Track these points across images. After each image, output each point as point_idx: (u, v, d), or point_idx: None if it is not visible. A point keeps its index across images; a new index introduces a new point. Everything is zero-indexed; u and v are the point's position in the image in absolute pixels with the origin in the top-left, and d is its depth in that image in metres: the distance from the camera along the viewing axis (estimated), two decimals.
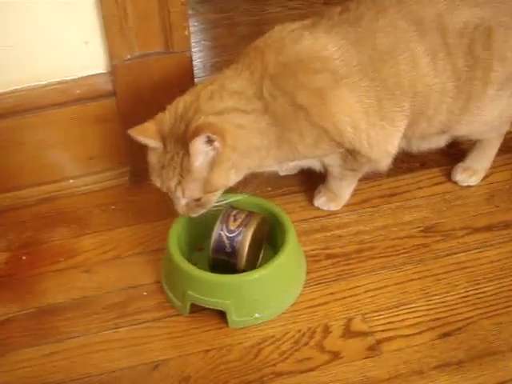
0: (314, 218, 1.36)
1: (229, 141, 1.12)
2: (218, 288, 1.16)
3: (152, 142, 1.16)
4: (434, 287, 1.22)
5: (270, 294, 1.18)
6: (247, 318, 1.17)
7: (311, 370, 1.11)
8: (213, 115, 1.13)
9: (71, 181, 1.46)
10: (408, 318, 1.17)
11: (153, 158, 1.18)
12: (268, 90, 1.16)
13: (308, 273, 1.25)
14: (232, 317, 1.16)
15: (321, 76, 1.16)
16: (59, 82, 1.36)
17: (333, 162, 1.28)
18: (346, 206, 1.38)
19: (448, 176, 1.43)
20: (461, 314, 1.17)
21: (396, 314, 1.18)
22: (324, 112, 1.17)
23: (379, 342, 1.14)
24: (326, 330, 1.16)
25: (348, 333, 1.16)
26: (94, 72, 1.37)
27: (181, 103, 1.17)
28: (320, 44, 1.17)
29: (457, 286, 1.22)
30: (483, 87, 1.23)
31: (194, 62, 1.40)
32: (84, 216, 1.41)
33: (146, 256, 1.31)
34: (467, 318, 1.17)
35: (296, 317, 1.18)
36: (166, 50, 1.36)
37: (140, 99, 1.39)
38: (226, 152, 1.13)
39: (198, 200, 1.17)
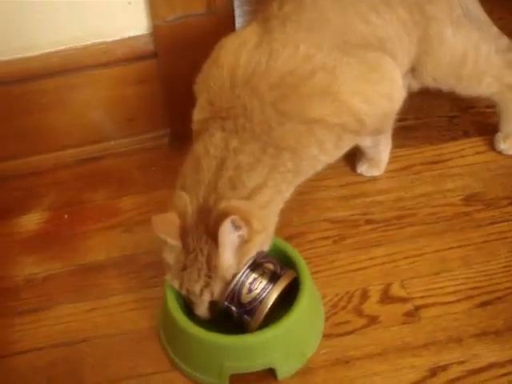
0: (354, 183, 1.35)
1: (255, 225, 1.03)
2: (261, 347, 1.05)
3: (173, 241, 1.03)
4: (475, 256, 1.20)
5: (308, 329, 1.10)
6: (294, 363, 1.08)
7: (348, 333, 1.11)
8: (237, 200, 1.03)
9: (112, 142, 1.47)
10: (447, 286, 1.16)
11: (170, 258, 1.05)
12: (275, 119, 1.07)
13: (347, 238, 1.25)
14: (282, 369, 1.06)
15: (318, 77, 1.09)
16: (102, 43, 1.37)
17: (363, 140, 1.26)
18: (387, 172, 1.37)
19: (491, 145, 1.41)
20: (501, 283, 1.16)
21: (435, 281, 1.17)
22: (338, 108, 1.10)
23: (417, 308, 1.14)
24: (364, 295, 1.16)
25: (386, 298, 1.15)
26: (136, 33, 1.37)
27: (200, 192, 1.05)
28: (294, 47, 1.10)
29: (498, 255, 1.21)
30: (425, 28, 1.22)
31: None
32: (124, 177, 1.42)
33: None
34: (507, 288, 1.15)
35: (334, 281, 1.18)
36: (208, 12, 1.36)
37: (181, 61, 1.39)
38: (252, 239, 1.03)
39: None
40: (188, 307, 1.09)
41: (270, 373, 1.06)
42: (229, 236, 1.01)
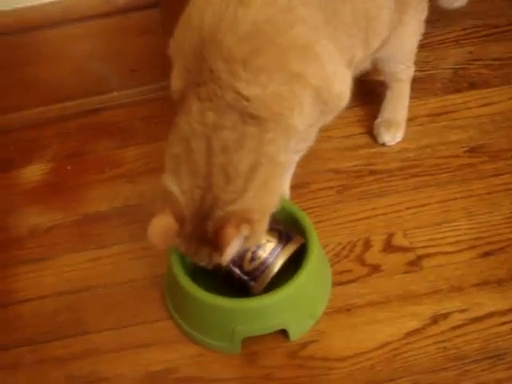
0: (358, 134, 1.34)
1: (256, 217, 0.94)
2: (273, 309, 1.04)
3: (174, 243, 0.99)
4: (478, 207, 1.20)
5: (317, 289, 1.10)
6: (306, 323, 1.07)
7: (351, 281, 1.12)
8: (233, 204, 0.93)
9: (115, 93, 1.46)
10: (450, 236, 1.17)
11: (175, 244, 1.00)
12: (248, 82, 0.92)
13: (350, 188, 1.25)
14: (294, 330, 1.05)
15: (299, 29, 0.96)
16: None
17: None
18: None
19: (497, 97, 1.39)
20: (504, 234, 1.16)
21: (438, 231, 1.17)
22: (318, 69, 0.99)
23: (420, 257, 1.14)
24: (367, 244, 1.16)
25: (389, 247, 1.16)
26: None
27: (196, 191, 0.94)
28: None
29: (501, 206, 1.20)
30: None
31: None
32: (127, 128, 1.42)
33: None
34: (510, 239, 1.15)
35: (336, 230, 1.19)
36: None
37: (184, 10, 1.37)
38: (257, 229, 0.96)
39: None
40: (194, 274, 1.07)
41: (282, 334, 1.06)
42: (233, 247, 0.93)
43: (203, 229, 0.94)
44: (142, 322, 1.10)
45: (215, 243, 0.93)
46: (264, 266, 1.04)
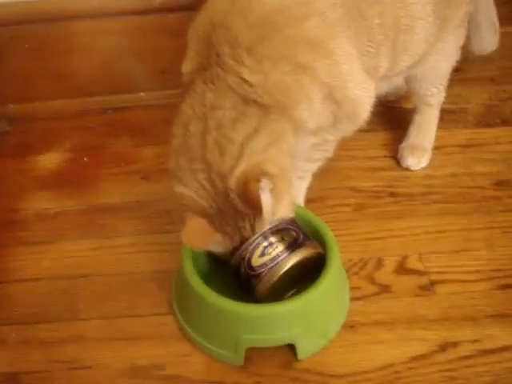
0: (383, 156, 1.30)
1: (271, 170, 0.89)
2: (282, 319, 0.97)
3: (213, 242, 0.96)
4: (500, 239, 1.14)
5: (332, 307, 1.03)
6: (316, 342, 1.00)
7: (358, 299, 1.06)
8: (236, 168, 0.90)
9: (142, 94, 1.45)
10: (468, 265, 1.10)
11: (217, 248, 0.98)
12: (251, 68, 0.92)
13: (367, 207, 1.20)
14: (303, 347, 0.98)
15: (311, 23, 0.94)
16: None
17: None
18: None
19: None
20: None
21: (455, 258, 1.11)
22: (330, 66, 0.96)
23: (433, 282, 1.08)
24: (379, 264, 1.11)
25: (401, 269, 1.10)
26: None
27: (199, 177, 0.92)
28: None
29: None
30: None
31: None
32: (150, 128, 1.40)
33: None
34: None
35: (349, 247, 1.13)
36: None
37: None
38: (278, 183, 0.90)
39: None
40: (205, 276, 1.01)
41: (290, 351, 0.99)
42: (267, 198, 0.89)
43: (230, 205, 0.91)
44: (134, 315, 1.06)
45: (249, 205, 0.89)
46: (273, 262, 0.96)
